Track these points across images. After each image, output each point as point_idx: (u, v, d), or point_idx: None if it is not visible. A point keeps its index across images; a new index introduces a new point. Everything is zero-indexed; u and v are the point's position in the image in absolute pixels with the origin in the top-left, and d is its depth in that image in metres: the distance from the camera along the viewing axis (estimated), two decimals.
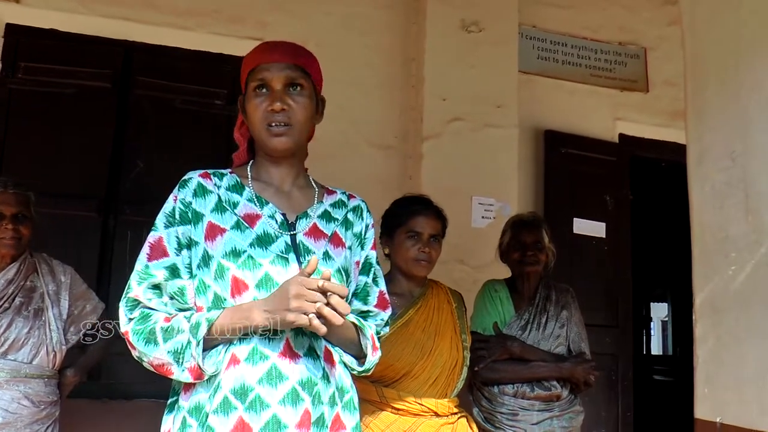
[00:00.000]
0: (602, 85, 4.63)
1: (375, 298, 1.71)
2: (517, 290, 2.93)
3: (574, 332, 2.90)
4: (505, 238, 2.98)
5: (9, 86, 3.60)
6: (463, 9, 4.04)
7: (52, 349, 2.54)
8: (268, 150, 1.62)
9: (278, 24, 3.88)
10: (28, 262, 2.61)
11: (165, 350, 1.44)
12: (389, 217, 2.44)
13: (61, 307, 2.60)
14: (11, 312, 2.50)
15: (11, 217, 2.52)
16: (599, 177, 4.38)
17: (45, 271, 2.63)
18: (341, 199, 1.73)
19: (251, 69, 1.63)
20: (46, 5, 3.65)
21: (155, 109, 3.77)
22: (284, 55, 1.62)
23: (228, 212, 1.57)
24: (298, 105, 1.60)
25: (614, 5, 4.72)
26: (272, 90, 1.60)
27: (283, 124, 1.58)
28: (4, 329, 2.46)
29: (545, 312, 2.87)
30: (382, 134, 3.99)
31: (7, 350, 2.47)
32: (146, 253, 1.54)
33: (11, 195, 2.54)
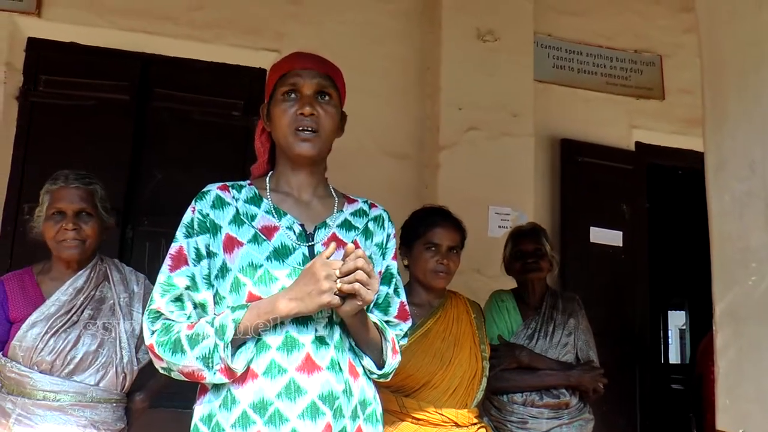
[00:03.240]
0: (618, 93, 4.61)
1: (396, 309, 1.71)
2: (524, 300, 2.96)
3: (582, 340, 2.91)
4: (507, 250, 3.04)
5: (30, 99, 3.65)
6: (478, 18, 4.05)
7: (122, 370, 2.24)
8: (293, 155, 1.62)
9: (295, 35, 3.91)
10: (99, 269, 2.30)
11: (193, 357, 1.45)
12: (408, 229, 2.46)
13: (134, 322, 2.28)
14: (79, 326, 2.20)
15: (73, 216, 2.21)
16: (616, 185, 4.36)
17: (117, 280, 2.33)
18: (362, 207, 1.73)
19: (282, 74, 1.64)
20: (66, 19, 3.71)
21: (173, 120, 3.82)
22: (316, 64, 1.65)
23: (246, 225, 1.57)
24: (326, 114, 1.62)
25: (629, 13, 4.71)
26: (302, 95, 1.61)
27: (310, 130, 1.59)
28: (72, 346, 2.16)
29: (552, 320, 2.89)
30: (398, 143, 4.00)
31: (73, 370, 2.17)
32: (168, 265, 1.55)
33: (73, 190, 2.23)
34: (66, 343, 2.15)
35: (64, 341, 2.15)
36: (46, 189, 2.26)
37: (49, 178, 2.30)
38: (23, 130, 3.63)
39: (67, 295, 2.21)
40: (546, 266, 2.95)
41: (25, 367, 2.13)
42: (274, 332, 1.48)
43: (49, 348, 2.14)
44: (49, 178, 2.30)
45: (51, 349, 2.14)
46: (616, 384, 4.06)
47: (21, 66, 3.67)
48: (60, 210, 2.21)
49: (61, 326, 2.16)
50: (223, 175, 3.49)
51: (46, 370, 2.13)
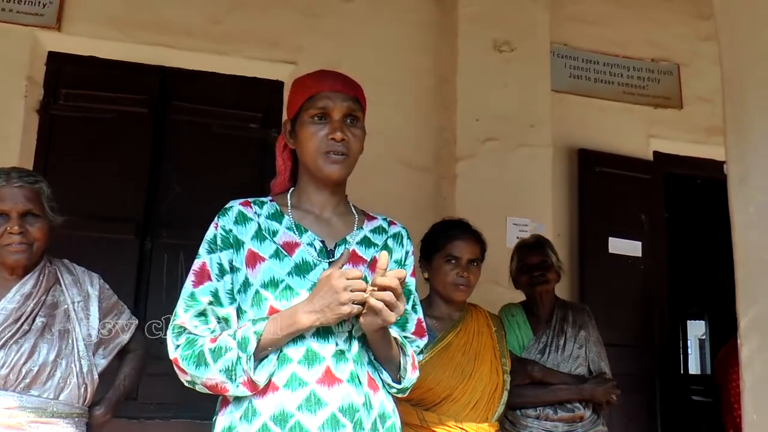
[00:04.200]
0: (635, 102, 4.60)
1: (413, 326, 1.73)
2: (533, 313, 2.95)
3: (594, 352, 2.90)
4: (513, 264, 3.04)
5: (50, 112, 3.69)
6: (494, 29, 4.05)
7: (83, 380, 2.05)
8: (322, 176, 1.64)
9: (312, 47, 3.93)
10: (48, 272, 2.10)
11: (216, 370, 1.47)
12: (428, 242, 2.45)
13: (90, 326, 2.10)
14: (33, 335, 1.99)
15: (18, 218, 2.01)
16: (634, 195, 4.34)
17: (69, 282, 2.13)
18: (381, 225, 1.75)
19: (310, 96, 1.64)
20: (86, 33, 3.74)
21: (191, 133, 3.83)
22: (345, 86, 1.66)
23: (267, 240, 1.59)
24: (355, 137, 1.64)
25: (646, 21, 4.70)
26: (332, 119, 1.62)
27: (340, 153, 1.61)
28: (27, 357, 1.97)
29: (563, 333, 2.88)
30: (415, 155, 4.00)
31: (30, 383, 1.97)
32: (191, 281, 1.57)
33: (16, 189, 2.01)
34: (19, 354, 1.96)
35: (17, 353, 1.96)
36: None
37: None
38: (43, 143, 3.66)
39: (15, 302, 2.00)
40: (553, 278, 2.95)
41: None
42: (295, 345, 1.50)
43: (0, 361, 1.94)
44: None
45: (2, 362, 1.94)
46: (635, 396, 4.06)
47: (41, 79, 3.71)
48: (3, 212, 2.00)
49: (11, 337, 1.97)
50: (240, 187, 3.56)
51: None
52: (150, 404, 3.49)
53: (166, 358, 1.56)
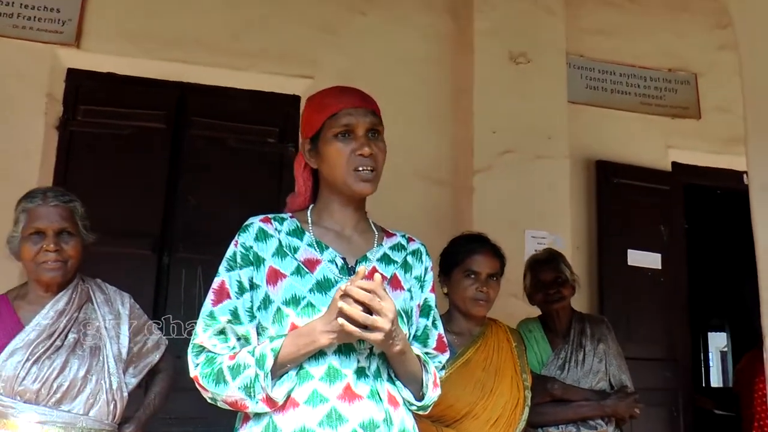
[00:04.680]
0: (653, 113, 4.59)
1: (434, 341, 1.72)
2: (551, 328, 2.93)
3: (614, 366, 2.87)
4: (527, 281, 3.01)
5: (69, 129, 3.73)
6: (510, 40, 4.06)
7: (112, 397, 2.10)
8: (351, 193, 1.64)
9: (328, 61, 3.96)
10: (81, 290, 2.17)
11: (235, 387, 1.48)
12: (447, 256, 2.45)
13: (121, 345, 2.16)
14: (65, 351, 2.06)
15: (54, 236, 2.08)
16: (653, 207, 4.33)
17: (101, 301, 2.19)
18: (400, 242, 1.75)
19: (332, 114, 1.64)
20: (104, 50, 3.80)
21: (209, 148, 3.87)
22: (364, 101, 1.67)
23: (288, 257, 1.59)
24: (380, 151, 1.64)
25: (662, 31, 4.69)
26: (357, 135, 1.62)
27: (369, 169, 1.61)
28: (58, 373, 2.03)
29: (581, 348, 2.85)
30: (432, 168, 4.01)
31: (60, 398, 2.02)
32: (210, 299, 1.58)
33: (52, 208, 2.10)
34: (51, 369, 2.02)
35: (49, 368, 2.02)
36: (23, 207, 2.12)
37: (24, 195, 2.17)
38: (62, 159, 3.71)
39: (48, 318, 2.07)
40: (568, 293, 2.92)
41: (7, 398, 2.00)
42: (317, 362, 1.50)
43: (33, 376, 2.00)
44: (25, 196, 2.16)
45: (35, 377, 2.00)
46: (658, 410, 4.02)
47: (61, 96, 3.76)
48: (39, 230, 2.08)
49: (44, 352, 2.03)
50: (258, 201, 3.57)
51: (31, 400, 2.00)
52: (169, 419, 3.49)
53: (183, 372, 1.57)
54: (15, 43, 3.69)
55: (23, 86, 3.65)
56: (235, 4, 3.97)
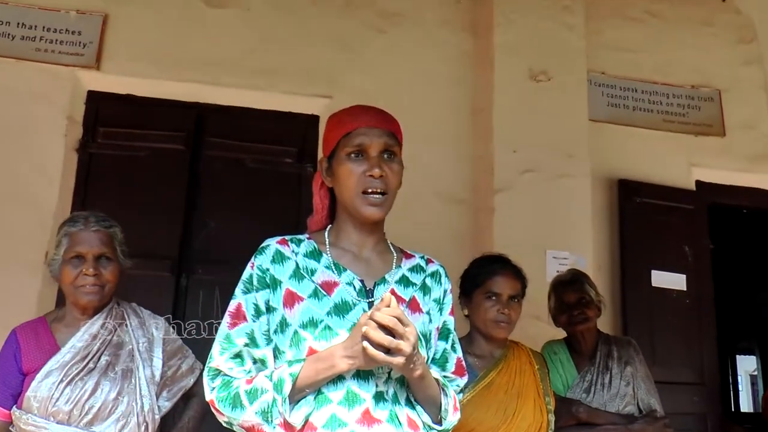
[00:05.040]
0: (676, 130, 4.56)
1: (453, 365, 1.72)
2: (576, 350, 2.91)
3: (642, 389, 2.83)
4: (551, 302, 3.00)
5: (89, 151, 3.81)
6: (530, 58, 4.07)
7: (144, 419, 2.13)
8: (360, 217, 1.64)
9: (347, 81, 4.00)
10: (115, 313, 2.24)
11: (252, 412, 1.48)
12: (467, 278, 2.45)
13: (154, 367, 2.21)
14: (97, 373, 2.11)
15: (93, 260, 2.15)
16: (677, 226, 4.29)
17: (135, 324, 2.25)
18: (419, 263, 1.75)
19: (346, 133, 1.64)
20: (124, 72, 3.88)
21: (227, 169, 3.92)
22: (381, 121, 1.67)
23: (306, 280, 1.59)
24: (393, 173, 1.63)
25: (685, 47, 4.68)
26: (369, 156, 1.62)
27: (379, 192, 1.60)
28: (89, 394, 2.08)
29: (608, 370, 2.82)
30: (452, 187, 4.02)
31: (91, 420, 2.07)
32: (227, 323, 1.59)
33: (93, 233, 2.17)
34: (83, 391, 2.08)
35: (81, 390, 2.08)
36: (65, 231, 2.20)
37: (67, 219, 2.26)
38: (81, 181, 3.78)
39: (83, 341, 2.14)
40: (593, 314, 2.91)
41: (41, 419, 2.06)
42: (335, 387, 1.50)
43: (65, 397, 2.06)
44: (67, 220, 2.25)
45: (67, 398, 2.06)
46: None
47: (81, 118, 3.84)
48: (79, 254, 2.16)
49: (77, 374, 2.09)
50: (276, 222, 3.59)
51: (63, 421, 2.06)
52: None
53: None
54: (36, 66, 3.79)
55: (44, 109, 3.73)
56: (253, 24, 4.04)
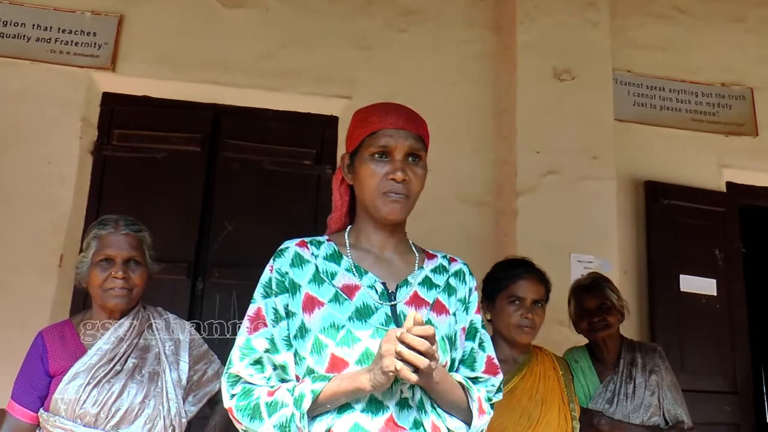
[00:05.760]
0: (705, 130, 4.55)
1: (483, 364, 1.71)
2: (599, 358, 2.89)
3: (668, 399, 2.81)
4: (571, 308, 2.99)
5: (104, 153, 3.87)
6: (554, 57, 4.08)
7: (170, 422, 2.18)
8: (379, 217, 1.65)
9: (366, 80, 4.03)
10: (142, 316, 2.29)
11: (270, 425, 1.49)
12: (490, 282, 2.48)
13: (180, 371, 2.26)
14: (123, 376, 2.17)
15: (122, 264, 2.21)
16: (706, 229, 4.28)
17: (161, 327, 2.30)
18: (442, 263, 1.75)
19: (372, 132, 1.65)
20: (139, 73, 3.94)
21: (244, 171, 3.96)
22: (408, 123, 1.66)
23: (326, 284, 1.60)
24: (416, 177, 1.64)
25: (715, 43, 4.66)
26: (393, 159, 1.63)
27: (402, 195, 1.61)
28: (116, 397, 2.13)
29: (631, 379, 2.80)
30: (474, 190, 4.04)
31: (118, 423, 2.12)
32: (246, 327, 1.60)
33: (122, 237, 2.23)
34: (110, 394, 2.13)
35: (108, 392, 2.13)
36: (94, 234, 2.25)
37: (96, 222, 2.31)
38: (96, 184, 3.84)
39: (110, 344, 2.20)
40: (615, 320, 2.89)
41: (68, 421, 2.11)
42: None
43: (92, 399, 2.12)
44: (96, 222, 2.30)
45: (94, 400, 2.12)
46: None
47: (96, 120, 3.91)
48: (109, 257, 2.21)
49: (104, 376, 2.15)
50: (294, 225, 3.62)
51: (90, 423, 2.11)
52: None
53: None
54: (51, 67, 3.86)
55: (59, 111, 3.81)
56: (270, 24, 4.09)
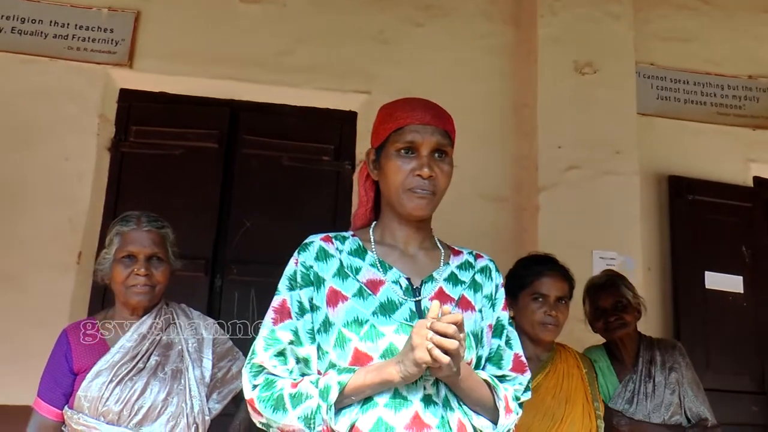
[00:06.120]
0: (731, 123, 4.52)
1: (510, 362, 1.71)
2: (617, 357, 2.88)
3: (689, 397, 2.79)
4: (586, 307, 2.98)
5: (121, 150, 3.91)
6: (575, 50, 4.07)
7: (194, 420, 2.18)
8: (404, 213, 1.65)
9: (385, 75, 4.04)
10: (165, 313, 2.30)
11: (295, 416, 1.49)
12: (513, 278, 2.47)
13: (204, 368, 2.26)
14: (146, 374, 2.18)
15: (145, 260, 2.22)
16: (733, 225, 4.26)
17: (184, 325, 2.31)
18: (468, 260, 1.76)
19: (398, 127, 1.65)
20: (156, 69, 3.98)
21: (262, 167, 3.98)
22: (435, 118, 1.66)
23: (350, 278, 1.61)
24: (443, 173, 1.65)
25: (741, 34, 4.63)
26: (420, 155, 1.63)
27: (428, 191, 1.62)
28: (139, 395, 2.14)
29: (650, 378, 2.79)
30: (494, 186, 4.04)
31: (141, 420, 2.13)
32: (271, 318, 1.61)
33: (145, 233, 2.24)
34: (132, 391, 2.14)
35: (131, 390, 2.14)
36: (117, 230, 2.26)
37: (119, 218, 2.32)
38: (114, 181, 3.87)
39: (132, 341, 2.21)
40: (632, 318, 2.88)
41: (92, 418, 2.13)
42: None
43: (115, 397, 2.13)
44: (119, 219, 2.31)
45: (117, 398, 2.13)
46: None
47: (113, 117, 3.94)
48: (131, 254, 2.22)
49: (127, 374, 2.16)
50: (313, 221, 3.64)
51: (113, 421, 2.13)
52: None
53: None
54: (69, 64, 3.91)
55: (76, 107, 3.85)
56: (287, 20, 4.11)
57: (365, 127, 3.85)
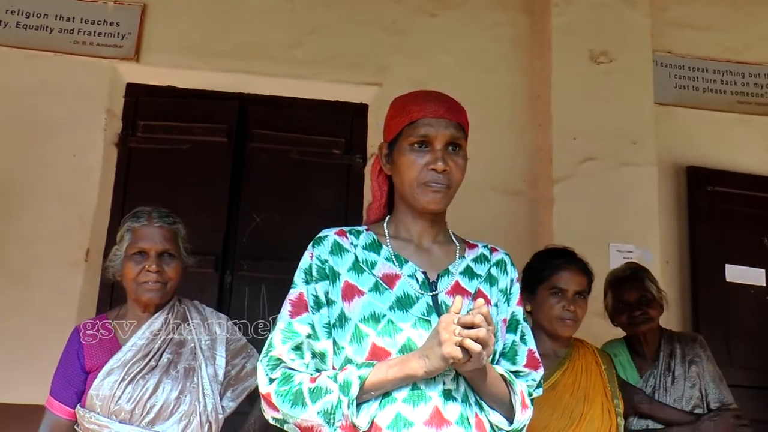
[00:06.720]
0: (752, 112, 4.49)
1: (524, 358, 1.71)
2: (638, 351, 2.88)
3: (711, 389, 2.80)
4: (608, 300, 2.97)
5: (129, 145, 3.93)
6: (590, 39, 4.05)
7: (207, 419, 2.18)
8: (419, 207, 1.66)
9: (398, 67, 4.04)
10: (177, 311, 2.30)
11: (314, 411, 1.49)
12: (530, 272, 2.47)
13: (217, 366, 2.26)
14: (158, 371, 2.18)
15: (156, 257, 2.22)
16: (754, 217, 4.23)
17: (197, 322, 2.31)
18: (483, 253, 1.77)
19: (412, 121, 1.66)
20: (164, 63, 3.99)
21: (272, 161, 3.99)
22: (449, 112, 1.67)
23: (366, 273, 1.62)
24: (457, 167, 1.66)
25: (762, 21, 4.59)
26: (434, 148, 1.64)
27: (442, 185, 1.63)
28: (151, 393, 2.15)
29: (670, 372, 2.79)
30: (508, 178, 4.04)
31: (153, 419, 2.14)
32: (288, 311, 1.62)
33: (156, 229, 2.24)
34: (144, 390, 2.14)
35: (143, 388, 2.15)
36: (128, 227, 2.27)
37: (129, 214, 2.32)
38: (122, 176, 3.90)
39: (144, 339, 2.21)
40: (656, 313, 2.87)
41: (103, 417, 2.14)
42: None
43: (127, 396, 2.13)
44: (130, 215, 2.32)
45: (129, 396, 2.13)
46: None
47: (120, 112, 3.97)
48: (142, 250, 2.22)
49: (138, 372, 2.16)
50: (324, 216, 3.64)
51: (126, 420, 2.13)
52: None
53: None
54: (75, 59, 3.92)
55: (82, 102, 3.87)
56: (296, 11, 4.11)
57: (376, 119, 3.87)
